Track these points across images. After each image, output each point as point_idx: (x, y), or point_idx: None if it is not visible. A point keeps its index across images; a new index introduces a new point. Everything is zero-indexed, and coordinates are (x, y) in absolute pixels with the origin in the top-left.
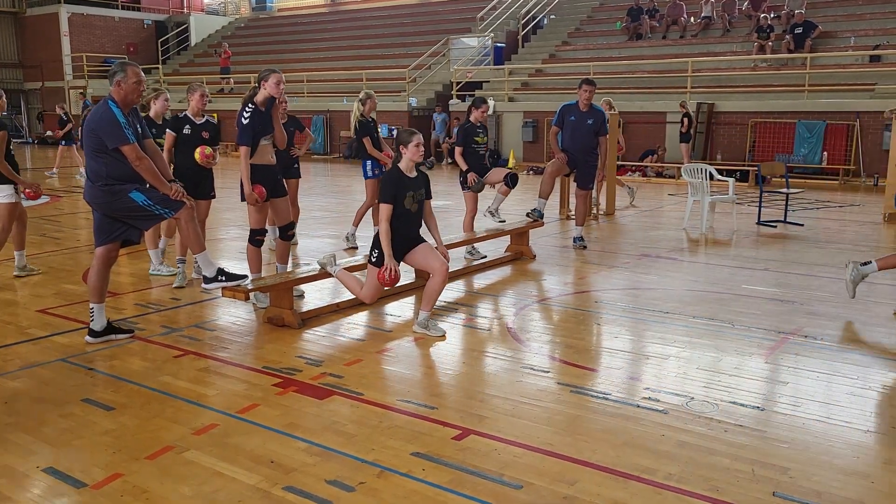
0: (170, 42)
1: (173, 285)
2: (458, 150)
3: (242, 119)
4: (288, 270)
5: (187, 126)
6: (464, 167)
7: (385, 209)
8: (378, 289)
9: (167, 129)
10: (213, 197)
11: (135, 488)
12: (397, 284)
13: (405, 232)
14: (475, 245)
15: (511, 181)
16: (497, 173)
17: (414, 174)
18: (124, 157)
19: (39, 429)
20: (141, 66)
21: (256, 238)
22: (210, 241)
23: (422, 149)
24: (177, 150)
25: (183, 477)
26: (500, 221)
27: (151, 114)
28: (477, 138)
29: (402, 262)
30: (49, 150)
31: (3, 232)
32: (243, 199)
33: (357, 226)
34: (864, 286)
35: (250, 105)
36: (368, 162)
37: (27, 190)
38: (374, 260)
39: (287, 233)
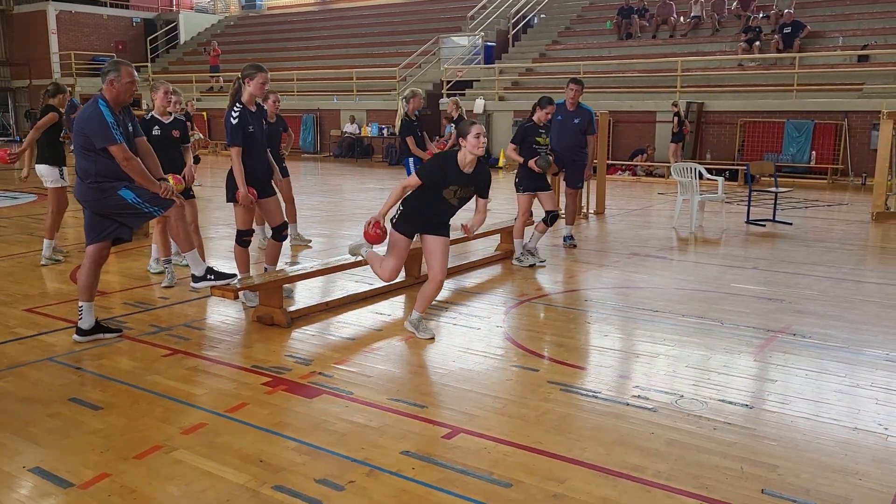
0: (159, 40)
1: (162, 284)
2: (511, 146)
3: (231, 119)
4: (277, 269)
5: (156, 127)
6: (520, 159)
7: (413, 181)
8: (394, 267)
9: None
10: (193, 197)
11: (122, 488)
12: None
13: (435, 214)
14: (537, 252)
15: (550, 220)
16: (546, 199)
17: (469, 169)
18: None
19: (26, 428)
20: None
21: (244, 239)
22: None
23: (483, 139)
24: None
25: (171, 476)
26: (540, 263)
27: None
28: (538, 138)
29: (416, 236)
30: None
31: (55, 215)
32: (229, 200)
33: None
34: (851, 284)
35: (238, 104)
36: (411, 160)
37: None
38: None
39: (281, 233)
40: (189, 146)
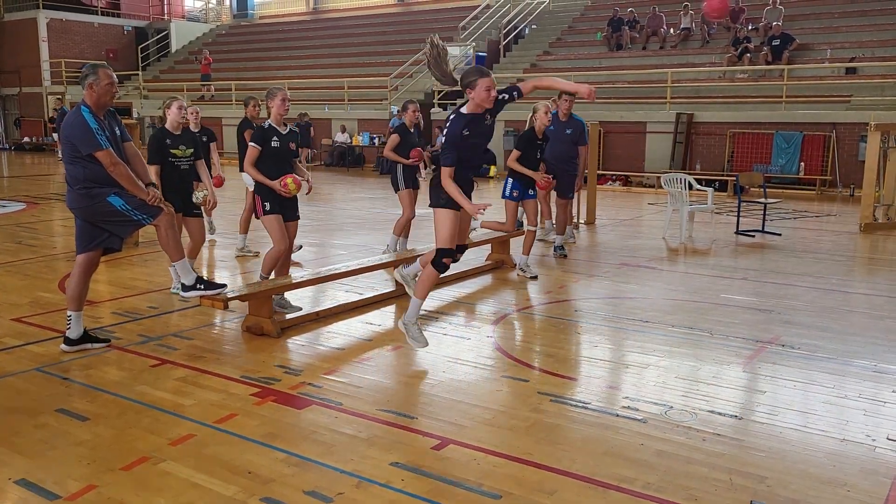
0: (150, 48)
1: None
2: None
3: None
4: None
5: (275, 138)
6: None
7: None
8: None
9: (251, 143)
10: (298, 218)
11: (110, 500)
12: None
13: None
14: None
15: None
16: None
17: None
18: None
19: (12, 439)
20: (121, 72)
21: (443, 261)
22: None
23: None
24: (265, 164)
25: (159, 488)
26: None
27: (167, 125)
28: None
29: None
30: (26, 156)
31: (249, 212)
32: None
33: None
34: (839, 295)
35: (463, 112)
36: (510, 180)
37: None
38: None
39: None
40: (299, 159)
